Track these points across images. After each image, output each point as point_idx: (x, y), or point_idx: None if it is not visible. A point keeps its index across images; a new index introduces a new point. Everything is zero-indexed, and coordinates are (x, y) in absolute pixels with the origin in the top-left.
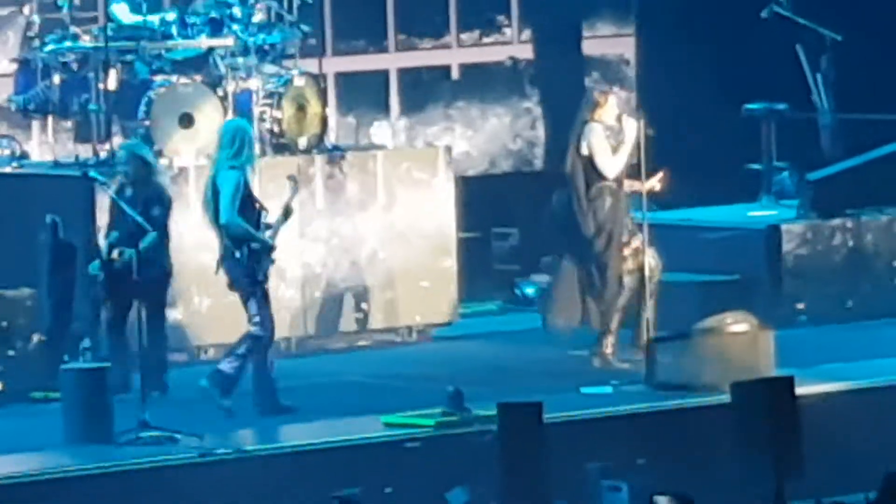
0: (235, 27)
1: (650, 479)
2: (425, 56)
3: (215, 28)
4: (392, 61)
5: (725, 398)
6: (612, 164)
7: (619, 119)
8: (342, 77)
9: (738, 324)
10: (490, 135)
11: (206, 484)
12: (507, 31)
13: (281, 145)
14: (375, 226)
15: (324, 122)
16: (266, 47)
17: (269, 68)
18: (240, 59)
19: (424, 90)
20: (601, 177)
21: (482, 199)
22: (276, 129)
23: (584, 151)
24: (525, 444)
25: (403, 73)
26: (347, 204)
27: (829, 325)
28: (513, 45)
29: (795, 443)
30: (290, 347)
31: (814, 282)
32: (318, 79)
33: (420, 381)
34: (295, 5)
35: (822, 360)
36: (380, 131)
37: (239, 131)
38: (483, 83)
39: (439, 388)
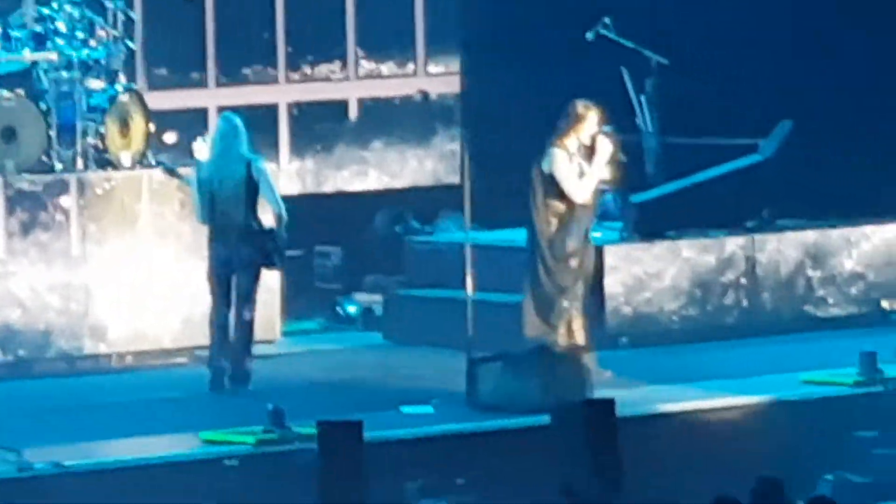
0: (59, 41)
1: (470, 499)
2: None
3: (39, 42)
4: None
5: (546, 419)
6: (580, 188)
7: (593, 137)
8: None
9: (560, 346)
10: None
11: (24, 499)
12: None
13: (104, 161)
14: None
15: (147, 137)
16: (90, 62)
17: (94, 83)
18: (63, 74)
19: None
20: (568, 201)
21: (305, 217)
22: (99, 144)
23: (546, 170)
24: (345, 462)
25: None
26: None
27: (652, 346)
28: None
29: (615, 465)
30: (111, 362)
31: (636, 304)
32: (141, 95)
33: (240, 399)
34: (119, 21)
35: (645, 381)
36: (199, 147)
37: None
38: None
39: (260, 406)
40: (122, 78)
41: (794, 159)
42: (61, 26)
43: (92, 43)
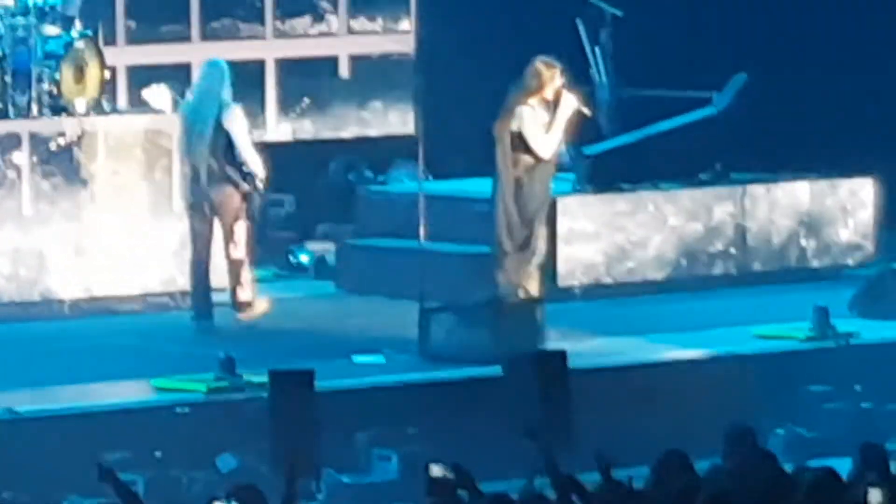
0: None
1: (421, 449)
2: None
3: None
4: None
5: (498, 370)
6: (545, 144)
7: (557, 93)
8: None
9: (511, 296)
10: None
11: None
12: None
13: (59, 107)
14: None
15: (102, 84)
16: (46, 8)
17: (50, 29)
18: (19, 19)
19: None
20: (534, 156)
21: None
22: (54, 90)
23: (514, 128)
24: (296, 411)
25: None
26: None
27: (602, 299)
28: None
29: (566, 417)
30: (64, 310)
31: (588, 257)
32: (97, 41)
33: (192, 346)
34: None
35: (596, 334)
36: (154, 95)
37: (227, 69)
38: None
39: (211, 354)
40: (77, 24)
41: (747, 112)
42: None
43: None
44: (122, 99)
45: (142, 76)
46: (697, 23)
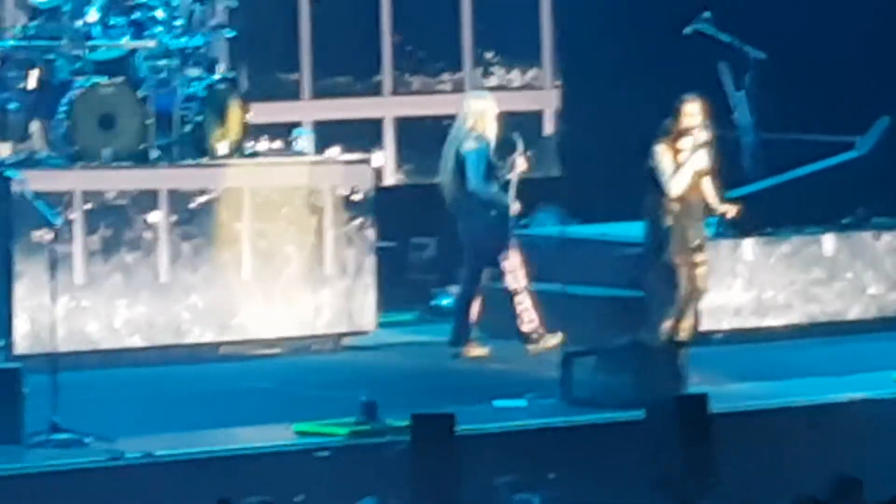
0: (158, 29)
1: (562, 494)
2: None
3: (137, 30)
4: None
5: (639, 415)
6: (673, 182)
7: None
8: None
9: (653, 340)
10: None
11: (115, 489)
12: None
13: (201, 150)
14: None
15: (244, 127)
16: (188, 50)
17: (192, 71)
18: (162, 62)
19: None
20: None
21: (400, 208)
22: (196, 133)
23: (650, 167)
24: (437, 455)
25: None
26: None
27: (744, 343)
28: None
29: (708, 460)
30: (204, 352)
31: (731, 301)
32: (238, 84)
33: (334, 390)
34: (219, 9)
35: (736, 378)
36: (302, 139)
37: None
38: None
39: (353, 398)
40: (220, 67)
41: (890, 156)
42: (160, 14)
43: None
44: None
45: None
46: (841, 66)
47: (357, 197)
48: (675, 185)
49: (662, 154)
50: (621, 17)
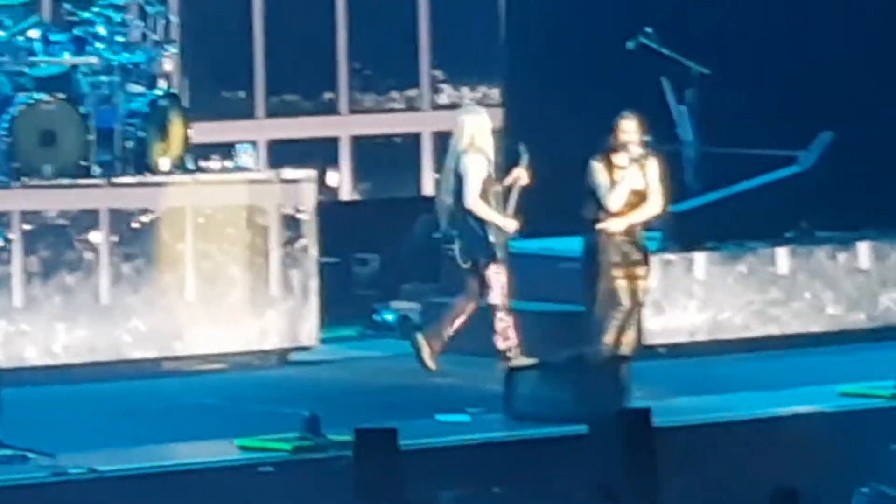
0: (100, 45)
1: None
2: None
3: (79, 46)
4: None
5: (582, 429)
6: (611, 197)
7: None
8: None
9: (595, 354)
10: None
11: None
12: None
13: (143, 165)
14: None
15: (186, 143)
16: (130, 66)
17: (134, 87)
18: (103, 78)
19: None
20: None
21: (343, 224)
22: (138, 149)
23: (586, 183)
24: (380, 470)
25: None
26: None
27: (688, 357)
28: None
29: (651, 475)
30: (146, 368)
31: (674, 316)
32: (180, 100)
33: (277, 406)
34: (160, 25)
35: (680, 392)
36: (245, 155)
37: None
38: None
39: (296, 413)
40: (161, 83)
41: (832, 170)
42: (101, 30)
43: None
44: None
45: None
46: (783, 80)
47: (302, 216)
48: (613, 201)
49: (598, 170)
50: (565, 32)
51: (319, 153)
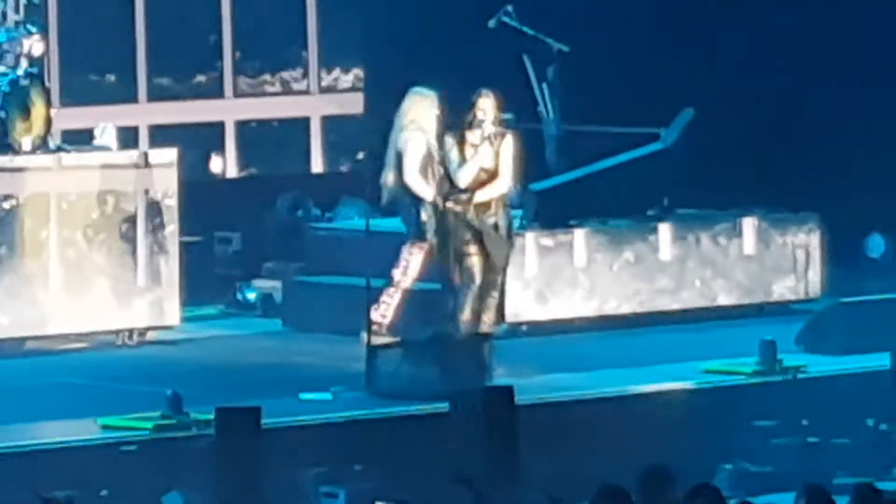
0: None
1: (368, 486)
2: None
3: None
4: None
5: (445, 406)
6: (461, 172)
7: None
8: None
9: (456, 332)
10: None
11: None
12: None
13: (4, 145)
14: None
15: (48, 122)
16: None
17: None
18: None
19: None
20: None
21: (205, 202)
22: None
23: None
24: (242, 448)
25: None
26: None
27: (551, 335)
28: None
29: (512, 452)
30: (7, 347)
31: (536, 293)
32: (42, 79)
33: (139, 385)
34: (21, 4)
35: (543, 369)
36: (105, 134)
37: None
38: None
39: (158, 392)
40: (23, 63)
41: (694, 148)
42: None
43: None
44: None
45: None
46: (645, 58)
47: (168, 200)
48: (463, 177)
49: (451, 145)
50: (426, 10)
51: (202, 138)
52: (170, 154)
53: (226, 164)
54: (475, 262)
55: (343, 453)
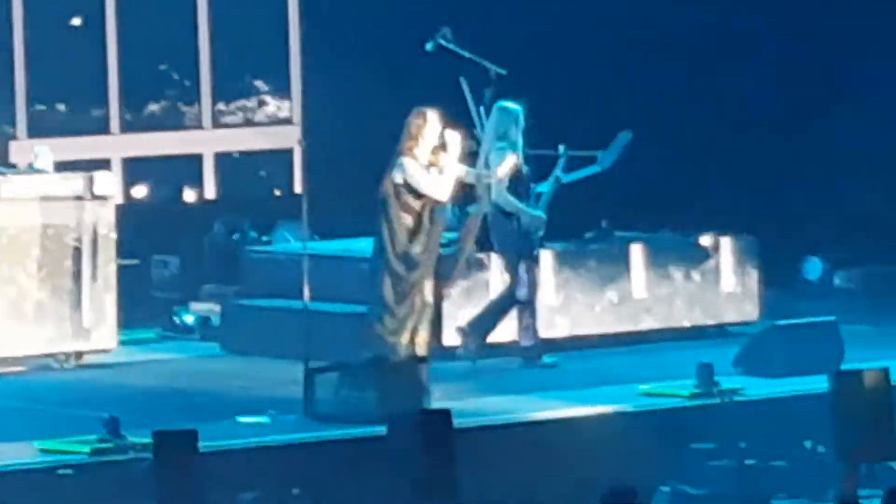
0: None
1: None
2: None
3: None
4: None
5: (382, 430)
6: (439, 186)
7: (441, 137)
8: None
9: (403, 356)
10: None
11: None
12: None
13: None
14: None
15: None
16: None
17: None
18: None
19: None
20: (417, 213)
21: (142, 226)
22: None
23: (399, 180)
24: (180, 472)
25: None
26: None
27: (489, 358)
28: None
29: (451, 476)
30: None
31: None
32: None
33: (77, 408)
34: None
35: (481, 392)
36: (41, 157)
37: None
38: None
39: (96, 416)
40: None
41: (633, 170)
42: None
43: None
44: None
45: None
46: (583, 80)
47: (110, 231)
48: (443, 189)
49: (413, 165)
50: (363, 32)
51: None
52: (110, 181)
53: (150, 190)
54: (429, 284)
55: (281, 477)
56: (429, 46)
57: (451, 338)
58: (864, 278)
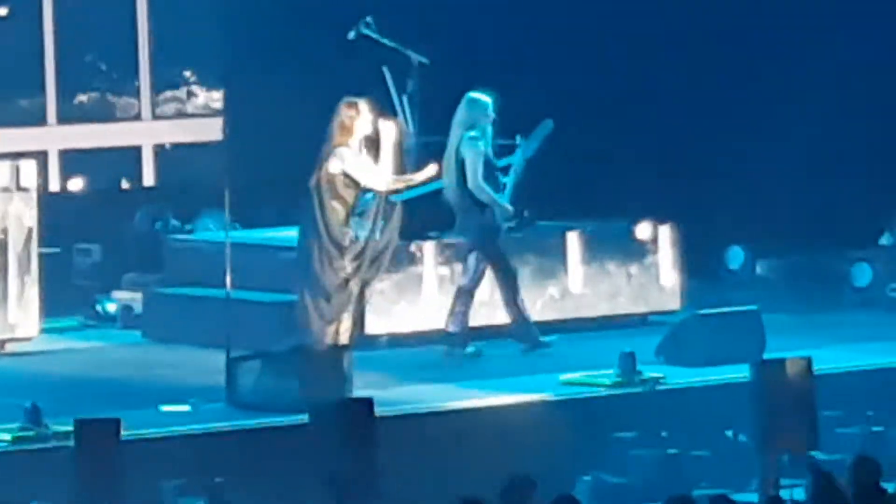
0: None
1: (228, 498)
2: None
3: None
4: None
5: (305, 418)
6: (378, 175)
7: (374, 125)
8: None
9: (319, 344)
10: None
11: None
12: None
13: None
14: None
15: None
16: None
17: None
18: None
19: None
20: (347, 202)
21: (64, 214)
22: None
23: (336, 171)
24: (101, 460)
25: None
26: None
27: (411, 347)
28: None
29: (373, 464)
30: None
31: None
32: None
33: None
34: None
35: (403, 381)
36: None
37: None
38: None
39: (17, 404)
40: None
41: (555, 158)
42: None
43: None
44: None
45: None
46: (505, 69)
47: (32, 221)
48: (380, 179)
49: (351, 154)
50: (287, 20)
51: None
52: (32, 171)
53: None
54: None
55: (203, 465)
56: (351, 35)
57: (373, 326)
58: (786, 268)
